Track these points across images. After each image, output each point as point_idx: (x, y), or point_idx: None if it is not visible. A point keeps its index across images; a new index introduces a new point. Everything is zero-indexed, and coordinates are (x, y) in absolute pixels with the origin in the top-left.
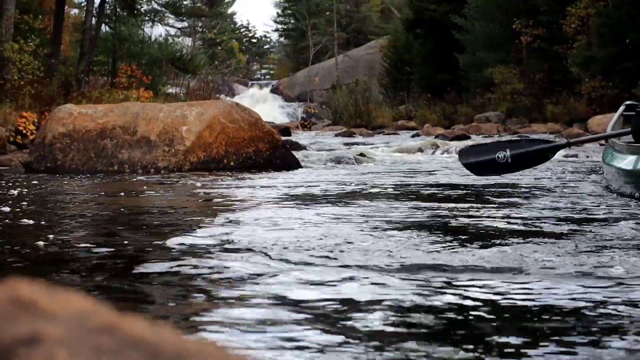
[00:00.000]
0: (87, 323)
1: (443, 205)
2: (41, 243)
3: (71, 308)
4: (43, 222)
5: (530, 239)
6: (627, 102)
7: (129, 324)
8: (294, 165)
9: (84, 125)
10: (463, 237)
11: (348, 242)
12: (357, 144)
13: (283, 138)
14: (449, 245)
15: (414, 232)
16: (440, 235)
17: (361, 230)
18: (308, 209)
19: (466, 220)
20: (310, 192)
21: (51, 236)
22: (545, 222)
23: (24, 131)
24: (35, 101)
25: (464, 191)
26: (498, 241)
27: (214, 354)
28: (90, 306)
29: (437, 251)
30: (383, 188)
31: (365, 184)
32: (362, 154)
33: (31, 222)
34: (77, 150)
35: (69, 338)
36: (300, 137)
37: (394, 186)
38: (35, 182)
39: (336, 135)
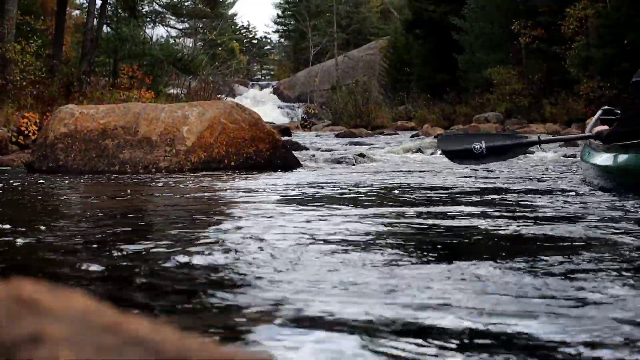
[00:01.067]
0: (90, 322)
1: (437, 209)
2: (43, 242)
3: (74, 307)
4: (45, 222)
5: (517, 250)
6: (605, 107)
7: (130, 323)
8: (294, 165)
9: (85, 125)
10: (451, 250)
11: (340, 248)
12: (357, 144)
13: (283, 138)
14: (435, 260)
15: (399, 241)
16: (430, 244)
17: (355, 235)
18: (307, 210)
19: (457, 228)
20: (309, 193)
21: (53, 236)
22: (528, 228)
23: (26, 131)
24: (37, 101)
25: (461, 194)
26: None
27: (215, 352)
28: (92, 305)
29: (426, 264)
30: (381, 189)
31: (364, 185)
32: (361, 155)
33: (33, 221)
34: (79, 151)
35: (72, 337)
36: (300, 137)
37: (392, 188)
38: (37, 182)
39: (336, 135)
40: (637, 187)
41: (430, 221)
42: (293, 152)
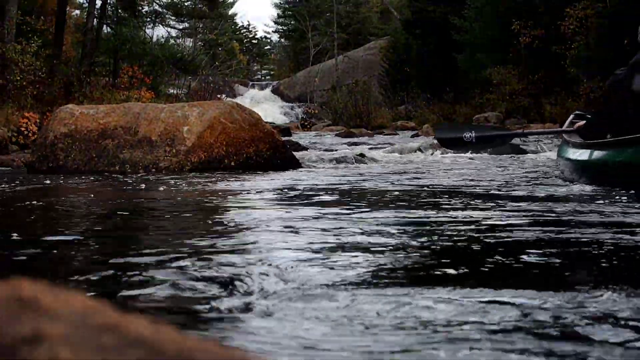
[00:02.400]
0: (89, 322)
1: (437, 213)
2: (42, 242)
3: (73, 307)
4: (45, 222)
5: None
6: (577, 112)
7: (130, 322)
8: (294, 165)
9: (85, 125)
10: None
11: (338, 256)
12: (357, 144)
13: (283, 138)
14: (437, 279)
15: (397, 249)
16: (431, 256)
17: (354, 241)
18: (306, 211)
19: (459, 235)
20: (309, 194)
21: (53, 236)
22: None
23: (26, 131)
24: (37, 102)
25: (461, 195)
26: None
27: (215, 351)
28: (92, 305)
29: (426, 283)
30: (381, 190)
31: (364, 186)
32: (361, 155)
33: (33, 221)
34: (79, 151)
35: (72, 336)
36: (300, 137)
37: (391, 188)
38: (37, 182)
39: (336, 135)
40: (611, 181)
41: (430, 227)
42: (293, 152)
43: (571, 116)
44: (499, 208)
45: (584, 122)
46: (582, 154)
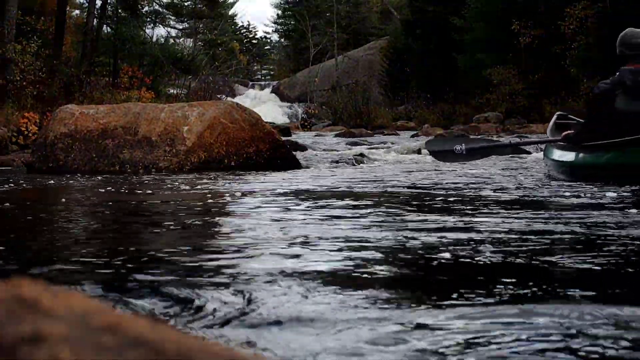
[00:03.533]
0: (90, 322)
1: (437, 215)
2: (43, 243)
3: (74, 307)
4: (45, 222)
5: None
6: (559, 112)
7: (131, 322)
8: (294, 165)
9: (85, 125)
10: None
11: (337, 261)
12: (357, 144)
13: (283, 138)
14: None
15: (397, 254)
16: (432, 263)
17: (353, 246)
18: (306, 212)
19: (463, 240)
20: (309, 194)
21: (53, 236)
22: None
23: (26, 131)
24: (37, 102)
25: (462, 197)
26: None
27: (216, 351)
28: (92, 305)
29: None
30: (380, 191)
31: (363, 186)
32: (361, 155)
33: (33, 222)
34: (79, 151)
35: (72, 337)
36: (300, 137)
37: (391, 189)
38: (37, 182)
39: (336, 135)
40: (597, 180)
41: (431, 230)
42: (293, 152)
43: (554, 117)
44: (501, 210)
45: (572, 131)
46: (568, 156)
